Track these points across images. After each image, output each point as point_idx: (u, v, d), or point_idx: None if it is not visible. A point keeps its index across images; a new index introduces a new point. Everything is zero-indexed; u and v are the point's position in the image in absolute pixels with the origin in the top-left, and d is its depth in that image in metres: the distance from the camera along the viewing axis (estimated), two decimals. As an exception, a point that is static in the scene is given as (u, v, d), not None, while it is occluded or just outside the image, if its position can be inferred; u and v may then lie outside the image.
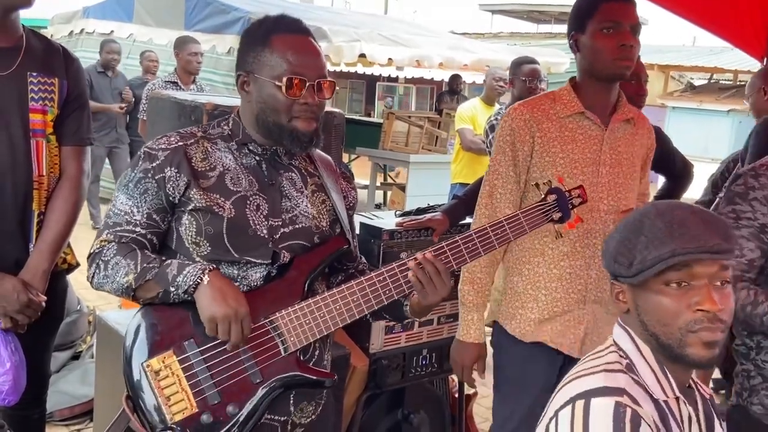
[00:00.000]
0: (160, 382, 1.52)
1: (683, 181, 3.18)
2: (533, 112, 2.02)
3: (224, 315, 1.47)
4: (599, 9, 1.94)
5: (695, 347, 1.20)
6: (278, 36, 1.58)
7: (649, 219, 1.24)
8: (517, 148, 2.01)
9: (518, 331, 2.09)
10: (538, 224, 1.68)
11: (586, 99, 2.02)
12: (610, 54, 1.93)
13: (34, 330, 2.06)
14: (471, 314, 2.08)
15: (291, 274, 1.61)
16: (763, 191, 1.83)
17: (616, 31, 1.92)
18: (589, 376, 1.25)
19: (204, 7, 7.64)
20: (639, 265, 1.22)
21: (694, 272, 1.19)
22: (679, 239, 1.19)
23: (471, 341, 2.09)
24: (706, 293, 1.19)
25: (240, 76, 1.62)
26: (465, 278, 2.07)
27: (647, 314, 1.24)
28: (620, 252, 1.26)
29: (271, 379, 1.55)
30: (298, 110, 1.57)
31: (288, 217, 1.64)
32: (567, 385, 1.27)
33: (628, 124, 2.09)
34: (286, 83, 1.55)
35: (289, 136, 1.59)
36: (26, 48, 2.03)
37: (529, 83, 4.15)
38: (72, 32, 9.36)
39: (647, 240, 1.22)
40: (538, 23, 22.74)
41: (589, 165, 2.02)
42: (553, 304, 2.04)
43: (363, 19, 9.64)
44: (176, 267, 1.52)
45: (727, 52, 13.15)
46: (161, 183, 1.56)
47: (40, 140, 2.04)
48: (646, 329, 1.25)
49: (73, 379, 3.42)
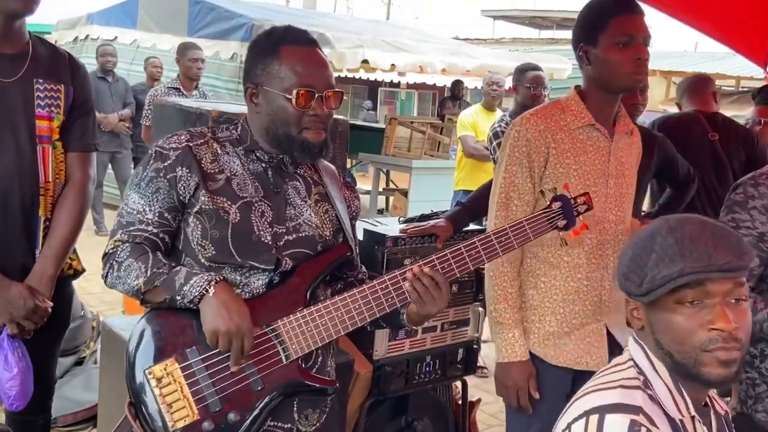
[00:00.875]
0: (162, 389, 1.52)
1: (687, 189, 3.18)
2: (547, 123, 2.00)
3: (226, 330, 1.48)
4: (612, 22, 1.92)
5: (711, 366, 1.18)
6: (287, 48, 1.59)
7: (660, 235, 1.22)
8: (533, 159, 1.99)
9: (539, 350, 2.03)
10: (543, 231, 1.67)
11: (593, 110, 2.02)
12: (626, 68, 1.91)
13: (40, 336, 2.07)
14: (512, 331, 1.99)
15: (293, 282, 1.61)
16: (762, 200, 1.84)
17: (630, 44, 1.91)
18: (606, 391, 1.23)
19: (207, 13, 7.67)
20: (649, 284, 1.20)
21: (707, 290, 1.17)
22: (688, 257, 1.17)
23: (518, 359, 1.99)
24: (720, 311, 1.17)
25: (249, 88, 1.63)
26: (497, 297, 2.00)
27: (661, 333, 1.22)
28: (631, 270, 1.24)
29: (272, 386, 1.55)
30: (308, 122, 1.58)
31: (292, 225, 1.64)
32: (582, 398, 1.25)
33: (627, 135, 2.10)
34: (296, 96, 1.56)
35: (300, 147, 1.60)
36: (32, 55, 2.04)
37: (533, 90, 4.15)
38: (77, 38, 9.40)
39: (657, 258, 1.20)
40: (540, 29, 22.78)
41: (599, 177, 2.02)
42: (571, 317, 2.01)
43: (365, 25, 9.68)
44: (184, 275, 1.52)
45: (729, 58, 13.14)
46: (173, 182, 1.58)
47: (47, 146, 2.05)
48: (661, 347, 1.23)
49: (76, 385, 3.42)
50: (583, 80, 2.06)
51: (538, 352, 2.03)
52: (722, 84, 15.68)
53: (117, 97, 6.89)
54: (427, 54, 8.12)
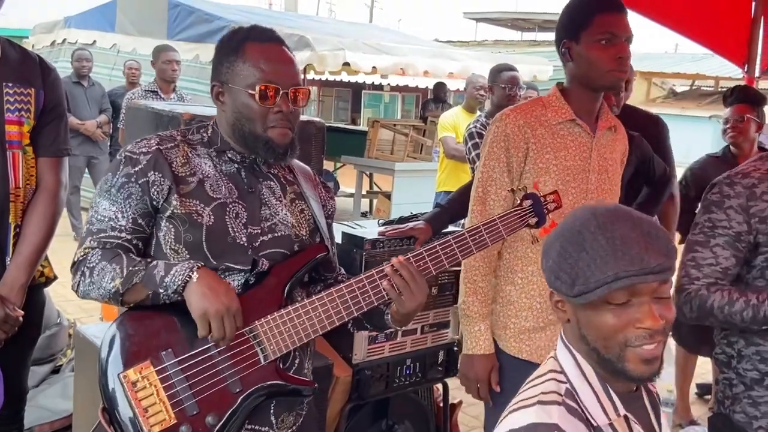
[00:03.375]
0: (137, 393, 1.49)
1: (663, 188, 3.19)
2: (527, 118, 2.01)
3: (216, 310, 1.46)
4: (595, 20, 1.93)
5: (633, 363, 1.19)
6: (250, 45, 1.59)
7: (589, 232, 1.20)
8: (512, 154, 2.00)
9: (514, 345, 2.05)
10: (515, 229, 1.68)
11: (574, 106, 2.02)
12: (607, 65, 1.93)
13: (11, 345, 2.02)
14: (477, 325, 2.03)
15: (269, 282, 1.60)
16: (738, 200, 1.84)
17: (613, 42, 1.92)
18: (524, 410, 1.23)
19: (187, 16, 7.63)
20: (582, 287, 1.18)
21: (635, 290, 1.17)
22: (621, 260, 1.15)
23: (482, 353, 2.03)
24: (648, 311, 1.17)
25: (215, 87, 1.63)
26: (467, 290, 2.04)
27: (588, 329, 1.22)
28: (561, 268, 1.22)
29: (250, 388, 1.54)
30: (273, 119, 1.58)
31: (267, 226, 1.63)
32: (504, 420, 1.25)
33: (610, 131, 2.10)
34: (260, 92, 1.55)
35: (264, 146, 1.59)
36: (2, 58, 2.01)
37: (508, 90, 4.18)
38: (54, 42, 9.31)
39: (589, 258, 1.18)
40: (522, 31, 22.89)
41: (579, 172, 2.02)
42: (548, 312, 2.02)
43: (347, 27, 9.67)
44: (163, 267, 1.50)
45: (708, 58, 13.30)
46: (145, 187, 1.56)
47: (17, 152, 2.01)
48: (587, 343, 1.23)
49: (52, 394, 3.37)
50: (566, 77, 2.07)
51: (513, 348, 2.05)
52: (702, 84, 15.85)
53: (93, 102, 6.82)
54: (409, 56, 8.11)
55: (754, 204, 1.82)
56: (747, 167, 1.90)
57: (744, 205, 1.83)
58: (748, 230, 1.83)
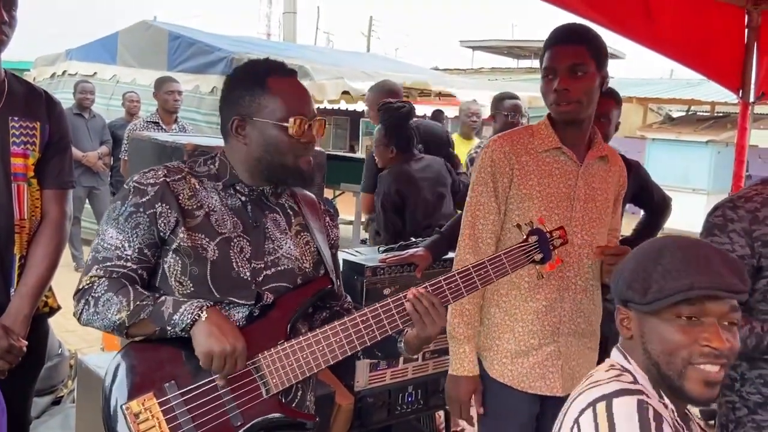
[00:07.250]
0: (140, 425, 1.49)
1: (661, 215, 3.22)
2: (513, 145, 2.05)
3: (221, 351, 1.47)
4: (545, 55, 2.00)
5: (694, 382, 1.21)
6: (273, 79, 1.62)
7: (669, 250, 1.26)
8: (497, 180, 2.04)
9: (497, 369, 2.07)
10: (521, 265, 1.70)
11: (561, 135, 2.06)
12: (549, 99, 1.99)
13: (14, 375, 2.02)
14: (462, 347, 2.06)
15: (274, 315, 1.61)
16: (741, 223, 1.85)
17: (553, 76, 1.97)
18: (603, 385, 1.25)
19: (187, 47, 7.70)
20: (656, 293, 1.22)
21: (705, 309, 1.20)
22: (698, 273, 1.20)
23: (465, 374, 2.06)
24: (716, 331, 1.20)
25: (234, 120, 1.63)
26: (454, 311, 2.06)
27: (652, 343, 1.25)
28: (635, 279, 1.27)
29: (251, 421, 1.54)
30: (302, 150, 1.61)
31: (270, 260, 1.64)
32: (579, 396, 1.26)
33: (602, 161, 2.12)
34: (293, 124, 1.58)
35: (294, 175, 1.63)
36: (8, 92, 2.04)
37: (510, 118, 4.23)
38: (54, 74, 9.37)
39: (665, 270, 1.23)
40: (518, 59, 23.07)
41: (563, 200, 2.05)
42: (529, 336, 2.05)
43: (345, 57, 9.75)
44: (171, 304, 1.51)
45: (703, 84, 13.39)
46: (153, 218, 1.57)
47: (22, 184, 2.04)
48: (649, 357, 1.25)
49: (53, 425, 3.36)
50: None
51: (495, 371, 2.08)
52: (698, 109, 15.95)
53: (94, 133, 6.88)
54: (408, 84, 8.18)
55: (758, 228, 1.84)
56: (749, 191, 1.92)
57: (747, 229, 1.84)
58: (751, 254, 1.84)
